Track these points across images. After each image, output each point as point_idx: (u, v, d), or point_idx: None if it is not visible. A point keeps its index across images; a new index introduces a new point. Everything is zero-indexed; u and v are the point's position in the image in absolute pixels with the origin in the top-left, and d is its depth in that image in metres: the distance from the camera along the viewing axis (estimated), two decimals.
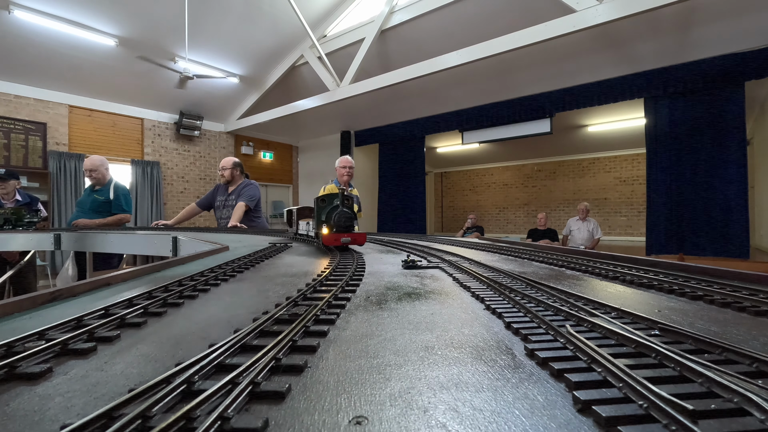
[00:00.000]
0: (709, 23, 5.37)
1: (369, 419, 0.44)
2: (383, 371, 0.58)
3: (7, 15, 6.05)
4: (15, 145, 7.44)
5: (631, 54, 6.21)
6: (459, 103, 8.58)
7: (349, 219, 1.85)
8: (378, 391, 0.51)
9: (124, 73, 7.95)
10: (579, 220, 8.71)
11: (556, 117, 7.83)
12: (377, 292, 1.13)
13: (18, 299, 0.96)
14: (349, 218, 1.85)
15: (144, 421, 0.42)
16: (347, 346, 0.69)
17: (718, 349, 0.60)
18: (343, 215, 1.86)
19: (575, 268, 1.53)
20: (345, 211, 1.88)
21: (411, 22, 6.95)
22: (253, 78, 9.21)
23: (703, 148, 5.95)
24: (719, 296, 0.99)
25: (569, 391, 0.50)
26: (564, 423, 0.43)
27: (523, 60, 6.41)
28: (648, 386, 0.44)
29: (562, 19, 4.94)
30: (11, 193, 5.12)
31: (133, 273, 1.44)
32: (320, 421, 0.44)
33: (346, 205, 1.90)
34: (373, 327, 0.80)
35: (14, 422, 0.46)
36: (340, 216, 1.84)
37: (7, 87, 7.38)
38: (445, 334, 0.75)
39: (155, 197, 9.34)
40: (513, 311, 0.86)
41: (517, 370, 0.57)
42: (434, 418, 0.44)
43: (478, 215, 11.96)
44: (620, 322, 0.76)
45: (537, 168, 12.79)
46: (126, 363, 0.63)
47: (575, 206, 9.77)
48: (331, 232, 1.83)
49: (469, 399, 0.48)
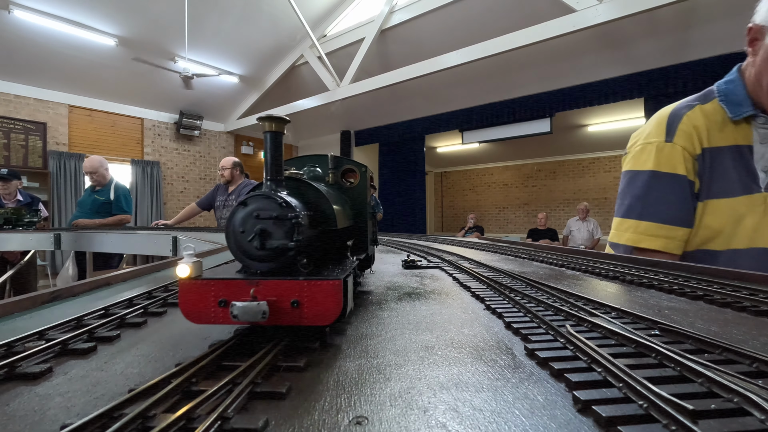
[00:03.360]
0: (709, 23, 5.37)
1: (369, 419, 0.44)
2: (383, 371, 0.58)
3: (6, 15, 6.05)
4: (15, 145, 7.44)
5: (631, 54, 6.21)
6: (459, 103, 8.58)
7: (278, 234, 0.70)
8: (378, 391, 0.51)
9: (124, 73, 7.95)
10: (579, 220, 8.72)
11: (556, 117, 7.83)
12: (377, 292, 1.13)
13: (18, 299, 0.96)
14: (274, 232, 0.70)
15: (144, 420, 0.42)
16: (347, 346, 0.69)
17: (718, 349, 0.60)
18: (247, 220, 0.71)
19: (575, 268, 1.53)
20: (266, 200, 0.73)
21: (411, 21, 6.95)
22: (253, 78, 9.21)
23: None
24: (719, 296, 0.99)
25: (569, 391, 0.50)
26: (564, 423, 0.43)
27: (523, 60, 6.41)
28: (648, 386, 0.44)
29: (562, 19, 4.94)
30: (13, 193, 5.12)
31: (133, 273, 1.44)
32: (320, 421, 0.44)
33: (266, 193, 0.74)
34: (373, 327, 0.80)
35: (14, 422, 0.46)
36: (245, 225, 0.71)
37: (7, 87, 7.38)
38: (445, 334, 0.75)
39: (155, 197, 9.34)
40: (513, 311, 0.86)
41: (517, 370, 0.57)
42: (434, 418, 0.44)
43: (478, 215, 11.96)
44: (620, 322, 0.75)
45: (537, 168, 12.79)
46: (126, 363, 0.63)
47: (575, 206, 9.77)
48: (194, 278, 0.65)
49: (469, 399, 0.48)
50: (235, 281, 0.63)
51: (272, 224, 0.69)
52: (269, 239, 0.68)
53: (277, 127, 0.79)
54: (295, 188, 0.85)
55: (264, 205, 0.71)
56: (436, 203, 15.13)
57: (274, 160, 0.79)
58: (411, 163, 10.16)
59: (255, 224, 0.69)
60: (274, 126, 0.79)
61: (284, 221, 0.69)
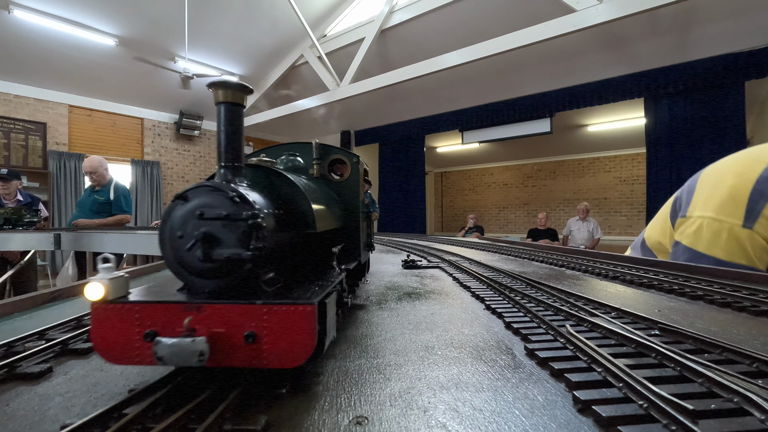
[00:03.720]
0: (709, 23, 5.37)
1: (369, 419, 0.44)
2: (383, 371, 0.58)
3: (7, 15, 6.05)
4: (15, 145, 7.44)
5: (631, 54, 6.21)
6: (459, 103, 8.58)
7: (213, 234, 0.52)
8: (378, 391, 0.51)
9: (124, 73, 7.95)
10: (579, 220, 8.71)
11: (556, 117, 7.83)
12: (377, 292, 1.13)
13: (18, 299, 0.96)
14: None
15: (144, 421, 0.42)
16: (347, 346, 0.69)
17: (718, 349, 0.60)
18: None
19: (575, 268, 1.53)
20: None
21: (411, 21, 6.94)
22: (253, 77, 9.21)
23: (704, 147, 5.95)
24: (719, 296, 0.99)
25: (569, 391, 0.50)
26: (564, 423, 0.43)
27: (523, 60, 6.41)
28: (648, 386, 0.44)
29: (562, 18, 4.93)
30: (13, 193, 5.11)
31: (133, 273, 1.44)
32: (320, 421, 0.44)
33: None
34: (373, 327, 0.80)
35: (14, 422, 0.46)
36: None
37: (7, 87, 7.39)
38: (445, 334, 0.75)
39: (155, 197, 9.34)
40: (513, 311, 0.86)
41: (517, 370, 0.57)
42: (434, 418, 0.44)
43: (478, 215, 11.95)
44: (620, 321, 0.75)
45: (537, 168, 12.78)
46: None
47: (575, 206, 9.76)
48: (110, 301, 0.48)
49: (469, 399, 0.48)
50: (166, 305, 0.46)
51: (221, 227, 0.50)
52: (217, 247, 0.50)
53: (235, 97, 0.57)
54: (261, 180, 0.67)
55: (210, 200, 0.51)
56: (436, 203, 15.12)
57: (229, 141, 0.57)
58: (411, 163, 10.16)
59: (198, 226, 0.50)
60: (230, 95, 0.57)
61: (238, 222, 0.50)
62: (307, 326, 0.44)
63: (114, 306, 0.47)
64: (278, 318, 0.44)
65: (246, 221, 0.50)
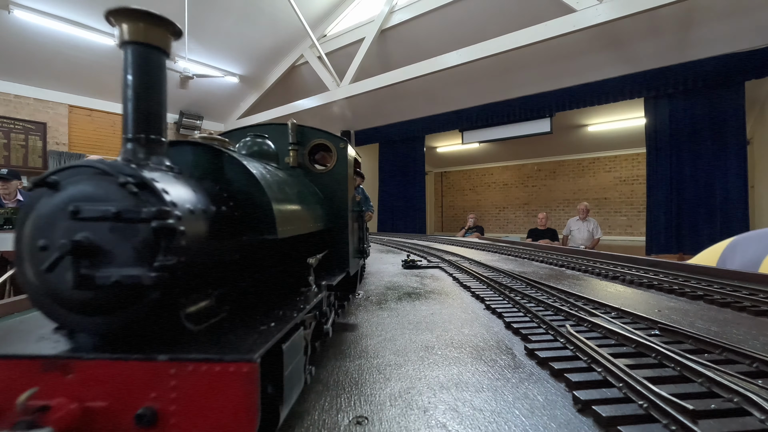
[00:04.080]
0: (709, 23, 5.37)
1: (369, 419, 0.44)
2: (383, 371, 0.58)
3: (7, 15, 6.05)
4: (15, 145, 7.44)
5: (631, 54, 6.21)
6: (459, 103, 8.58)
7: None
8: (378, 391, 0.51)
9: None
10: (579, 220, 8.71)
11: (556, 117, 7.83)
12: (377, 292, 1.13)
13: (18, 299, 0.96)
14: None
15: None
16: (347, 346, 0.69)
17: (718, 349, 0.60)
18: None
19: (575, 268, 1.53)
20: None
21: (411, 21, 6.94)
22: (252, 78, 9.21)
23: (703, 147, 5.96)
24: (719, 296, 0.99)
25: (569, 390, 0.50)
26: (564, 423, 0.43)
27: (523, 60, 6.40)
28: (648, 386, 0.44)
29: (562, 18, 4.93)
30: (13, 193, 5.11)
31: None
32: (320, 421, 0.44)
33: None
34: (373, 327, 0.80)
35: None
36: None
37: (7, 87, 7.39)
38: (445, 334, 0.75)
39: None
40: (513, 311, 0.86)
41: (517, 370, 0.57)
42: (434, 418, 0.44)
43: (478, 215, 11.95)
44: (620, 321, 0.76)
45: (537, 168, 12.78)
46: None
47: (575, 206, 9.76)
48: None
49: (469, 399, 0.48)
50: (9, 362, 0.30)
51: (108, 231, 0.32)
52: (101, 265, 0.32)
53: (150, 36, 0.37)
54: (203, 164, 0.47)
55: (92, 189, 0.33)
56: (436, 203, 15.12)
57: (140, 101, 0.38)
58: (411, 163, 10.16)
59: (69, 231, 0.32)
60: (142, 32, 0.37)
61: (135, 225, 0.32)
62: (241, 396, 0.27)
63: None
64: (195, 383, 0.27)
65: (147, 223, 0.31)
